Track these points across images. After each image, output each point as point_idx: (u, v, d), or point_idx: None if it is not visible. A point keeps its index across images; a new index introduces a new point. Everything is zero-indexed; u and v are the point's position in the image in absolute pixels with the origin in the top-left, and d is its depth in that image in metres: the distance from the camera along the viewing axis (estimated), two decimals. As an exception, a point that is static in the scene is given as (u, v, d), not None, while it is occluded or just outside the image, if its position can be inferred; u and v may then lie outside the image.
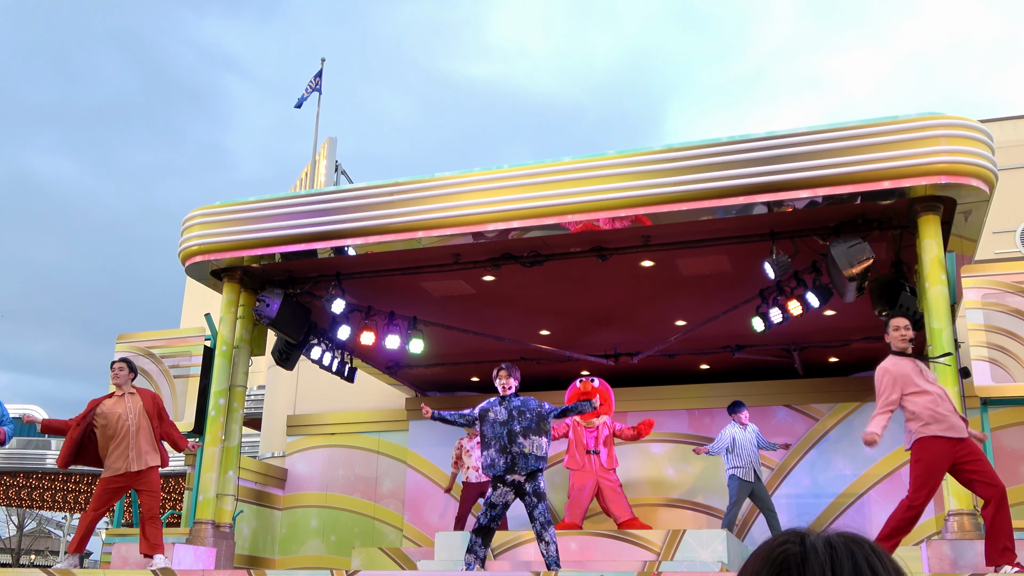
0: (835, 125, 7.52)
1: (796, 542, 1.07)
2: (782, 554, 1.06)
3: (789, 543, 1.07)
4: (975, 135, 7.25)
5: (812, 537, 1.07)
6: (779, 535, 1.11)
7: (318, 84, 19.31)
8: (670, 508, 11.81)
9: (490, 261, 8.98)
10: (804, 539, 1.07)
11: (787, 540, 1.08)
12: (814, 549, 1.05)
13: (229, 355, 9.26)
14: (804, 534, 1.08)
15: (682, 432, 12.04)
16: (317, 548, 12.78)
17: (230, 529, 9.00)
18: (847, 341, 10.84)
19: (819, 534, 1.08)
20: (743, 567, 1.12)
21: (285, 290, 9.47)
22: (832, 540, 1.06)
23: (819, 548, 1.05)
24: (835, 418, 11.55)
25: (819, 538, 1.07)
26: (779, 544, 1.08)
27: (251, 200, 9.06)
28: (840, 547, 1.04)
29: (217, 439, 8.95)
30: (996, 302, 7.69)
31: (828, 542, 1.05)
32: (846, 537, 1.07)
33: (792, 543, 1.07)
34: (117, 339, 10.28)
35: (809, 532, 1.09)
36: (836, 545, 1.05)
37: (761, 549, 1.11)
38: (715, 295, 9.73)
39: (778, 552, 1.07)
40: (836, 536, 1.07)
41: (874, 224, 7.90)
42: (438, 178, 8.47)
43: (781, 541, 1.09)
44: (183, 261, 9.35)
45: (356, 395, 13.28)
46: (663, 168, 7.73)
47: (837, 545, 1.05)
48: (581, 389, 10.70)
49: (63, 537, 41.56)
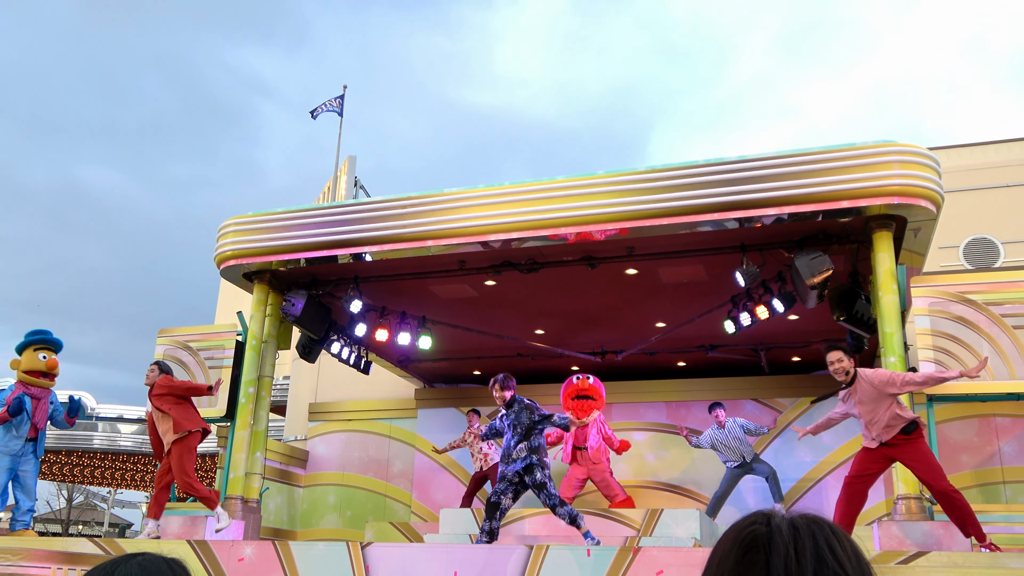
0: (800, 150, 7.52)
1: (763, 523, 1.06)
2: (750, 535, 1.05)
3: (756, 524, 1.06)
4: (924, 161, 7.25)
5: (777, 519, 1.06)
6: (747, 516, 1.10)
7: (340, 108, 19.26)
8: (650, 490, 11.80)
9: (492, 268, 8.98)
10: (770, 520, 1.06)
11: (754, 521, 1.07)
12: (779, 530, 1.04)
13: (258, 349, 9.25)
14: (770, 515, 1.07)
15: (661, 422, 12.03)
16: (334, 522, 12.76)
17: (257, 504, 8.98)
18: (808, 342, 10.85)
19: (783, 516, 1.07)
20: (715, 546, 1.10)
21: (309, 291, 9.46)
22: (795, 521, 1.05)
23: (783, 529, 1.04)
24: (797, 411, 11.54)
25: (783, 520, 1.06)
26: (747, 525, 1.07)
27: (279, 211, 9.06)
28: (802, 528, 1.04)
29: (247, 423, 8.94)
30: (941, 310, 7.70)
31: (792, 523, 1.04)
32: (808, 519, 1.06)
33: (759, 524, 1.06)
34: (158, 334, 10.26)
35: (774, 514, 1.07)
36: (799, 526, 1.04)
37: (731, 529, 1.09)
38: (691, 300, 9.73)
39: (746, 533, 1.06)
40: (799, 517, 1.06)
41: (834, 239, 7.91)
42: (445, 193, 8.47)
43: (749, 522, 1.07)
44: (218, 264, 9.34)
45: (371, 386, 13.28)
46: (646, 187, 7.72)
47: (800, 526, 1.04)
48: (578, 386, 10.66)
49: (107, 509, 41.45)
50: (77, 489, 42.49)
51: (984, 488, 10.16)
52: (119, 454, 26.09)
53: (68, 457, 27.20)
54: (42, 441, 8.40)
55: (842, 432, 11.23)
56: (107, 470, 29.06)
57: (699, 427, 11.87)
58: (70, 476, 30.69)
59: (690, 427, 11.11)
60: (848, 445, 10.96)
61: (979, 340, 7.49)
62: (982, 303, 7.60)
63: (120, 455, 26.34)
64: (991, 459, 10.32)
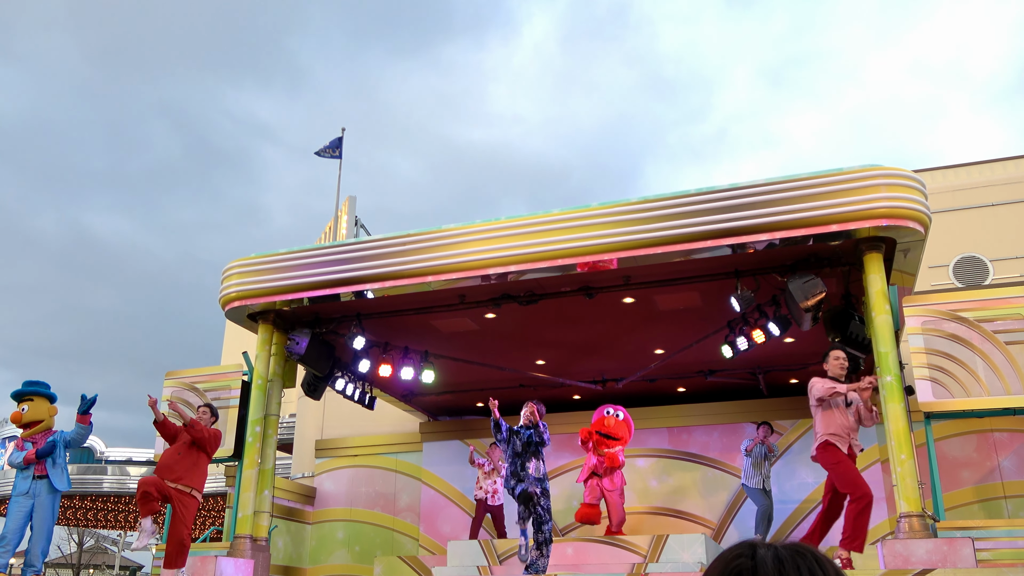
0: (788, 177, 7.55)
1: (748, 555, 1.05)
2: (736, 568, 1.05)
3: (742, 557, 1.06)
4: (911, 183, 7.29)
5: (762, 551, 1.06)
6: (733, 548, 1.09)
7: (338, 152, 19.38)
8: (654, 516, 11.68)
9: (491, 301, 8.98)
10: (755, 552, 1.06)
11: (740, 554, 1.07)
12: (763, 562, 1.03)
13: (264, 388, 9.21)
14: (755, 546, 1.07)
15: (663, 448, 11.95)
16: (343, 558, 12.61)
17: (266, 542, 8.89)
18: (805, 364, 10.80)
19: (768, 548, 1.06)
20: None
21: (312, 330, 9.45)
22: (779, 553, 1.04)
23: (768, 561, 1.03)
24: (797, 432, 11.46)
25: (768, 551, 1.05)
26: (733, 558, 1.07)
27: (282, 252, 9.07)
28: (787, 560, 1.03)
29: (254, 462, 8.88)
30: (934, 328, 7.68)
31: (776, 555, 1.04)
32: (792, 549, 1.05)
33: (744, 556, 1.05)
34: (165, 376, 10.19)
35: (759, 545, 1.07)
36: (783, 558, 1.03)
37: (718, 561, 1.09)
38: (688, 326, 9.71)
39: (733, 566, 1.05)
40: (783, 548, 1.06)
41: (825, 262, 7.92)
42: (444, 230, 8.49)
43: (735, 555, 1.07)
44: (223, 306, 9.34)
45: (376, 421, 13.20)
46: (640, 217, 7.74)
47: (784, 558, 1.03)
48: (605, 423, 10.59)
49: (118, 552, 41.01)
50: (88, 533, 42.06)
51: (985, 504, 10.07)
52: (129, 497, 25.87)
53: (84, 502, 26.97)
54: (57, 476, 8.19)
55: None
56: (118, 513, 28.78)
57: (699, 452, 11.81)
58: (81, 520, 30.40)
59: (692, 452, 11.03)
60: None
61: (973, 357, 7.46)
62: (974, 320, 7.58)
63: (130, 498, 26.11)
64: (991, 474, 10.23)
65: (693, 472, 11.50)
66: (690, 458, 11.74)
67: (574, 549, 9.02)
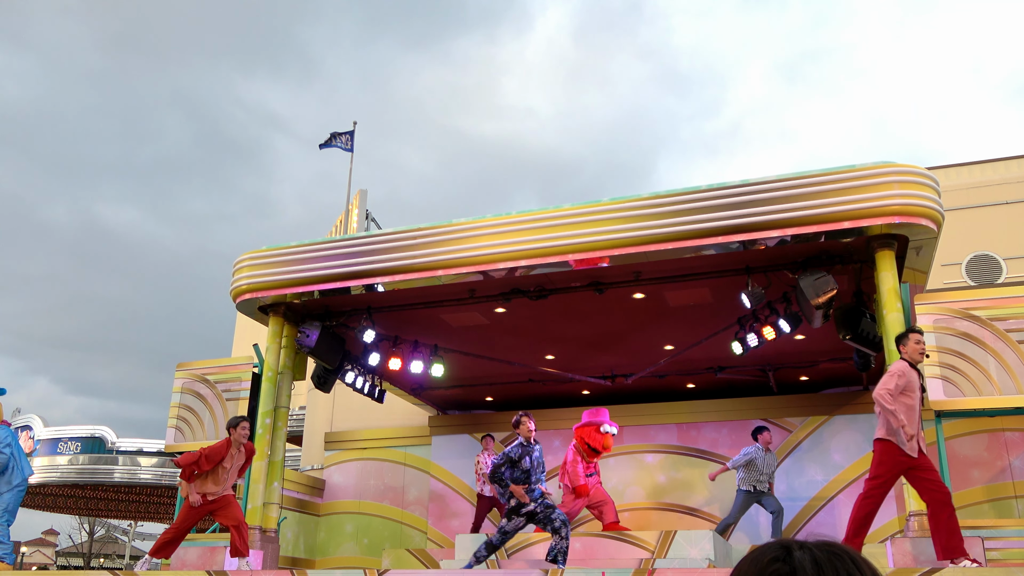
0: (801, 173, 7.52)
1: (783, 558, 1.00)
2: (772, 574, 0.99)
3: (778, 561, 1.00)
4: (924, 180, 7.25)
5: (798, 554, 1.00)
6: (765, 551, 1.03)
7: (350, 144, 19.35)
8: (662, 511, 11.69)
9: (501, 295, 8.99)
10: (790, 556, 1.00)
11: (775, 558, 1.01)
12: (802, 567, 0.98)
13: (274, 380, 9.25)
14: (790, 549, 1.01)
15: (672, 444, 11.95)
16: (352, 550, 12.68)
17: (275, 534, 8.94)
18: (815, 362, 10.78)
19: (803, 549, 1.01)
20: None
21: (323, 323, 9.48)
22: (817, 557, 0.99)
23: (807, 567, 0.98)
24: (807, 430, 11.44)
25: (805, 555, 0.99)
26: (768, 562, 1.01)
27: (292, 245, 9.11)
28: (825, 563, 0.98)
29: (264, 454, 8.92)
30: (946, 326, 7.65)
31: (814, 559, 0.98)
32: (828, 551, 1.00)
33: (780, 561, 1.00)
34: (177, 367, 10.25)
35: (793, 547, 1.01)
36: (821, 562, 0.98)
37: (749, 565, 1.03)
38: (699, 323, 9.70)
39: (769, 571, 1.00)
40: (819, 551, 1.00)
41: (837, 259, 7.89)
42: (454, 224, 8.49)
43: (770, 558, 1.01)
44: (234, 298, 9.38)
45: (385, 414, 13.25)
46: (651, 212, 7.73)
47: (822, 562, 0.98)
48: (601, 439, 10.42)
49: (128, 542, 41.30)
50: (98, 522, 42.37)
51: (996, 503, 10.03)
52: (139, 487, 26.03)
53: (96, 492, 27.16)
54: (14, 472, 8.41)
55: (852, 450, 11.14)
56: (128, 503, 28.97)
57: (708, 448, 11.79)
58: (92, 510, 30.62)
59: (701, 448, 11.02)
60: (858, 464, 10.86)
61: (985, 355, 7.42)
62: (986, 319, 7.54)
63: (140, 488, 26.28)
64: (1002, 474, 10.18)
65: (702, 468, 11.50)
66: (699, 454, 11.74)
67: (582, 544, 9.04)
